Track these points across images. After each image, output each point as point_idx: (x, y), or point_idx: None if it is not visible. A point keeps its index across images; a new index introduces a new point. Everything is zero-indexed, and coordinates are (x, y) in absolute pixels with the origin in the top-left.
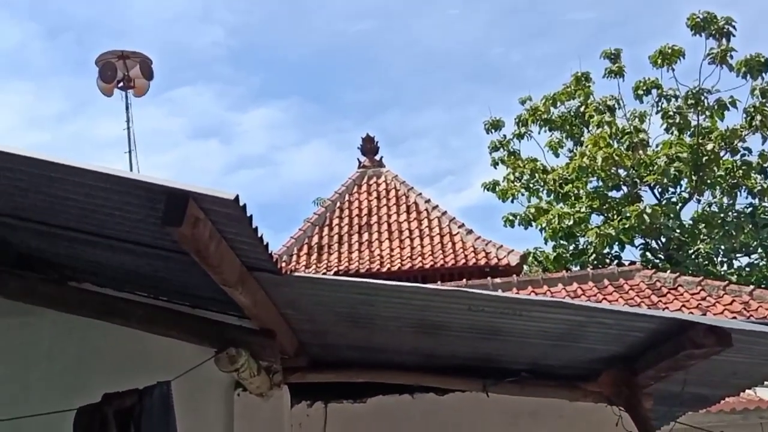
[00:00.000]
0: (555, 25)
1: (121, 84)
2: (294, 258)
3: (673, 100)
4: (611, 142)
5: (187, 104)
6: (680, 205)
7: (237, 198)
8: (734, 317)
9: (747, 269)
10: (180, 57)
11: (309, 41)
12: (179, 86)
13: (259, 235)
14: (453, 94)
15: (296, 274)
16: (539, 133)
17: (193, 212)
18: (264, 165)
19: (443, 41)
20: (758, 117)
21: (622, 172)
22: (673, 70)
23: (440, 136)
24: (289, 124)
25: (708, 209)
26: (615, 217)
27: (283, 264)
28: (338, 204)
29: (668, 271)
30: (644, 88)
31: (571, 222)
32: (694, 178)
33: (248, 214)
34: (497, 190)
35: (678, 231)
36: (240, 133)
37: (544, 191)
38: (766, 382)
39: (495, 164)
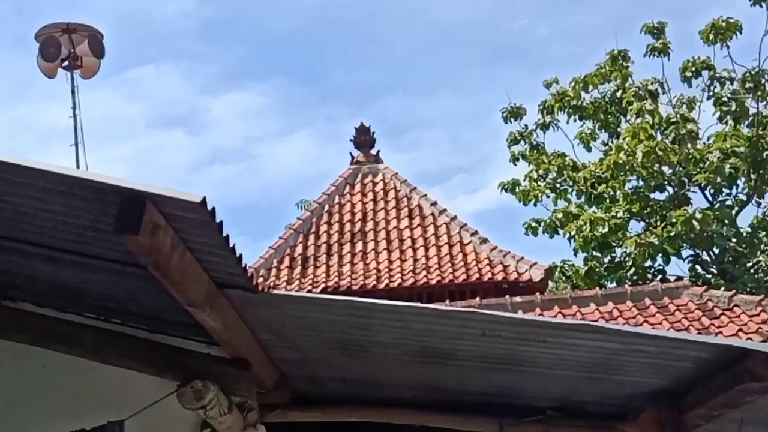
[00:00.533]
0: None
1: (66, 63)
2: (273, 272)
3: (728, 83)
4: (654, 133)
5: (147, 87)
6: (736, 209)
7: (204, 201)
8: None
9: None
10: (139, 31)
11: (295, 12)
12: (137, 66)
13: (231, 244)
14: (466, 76)
15: (276, 291)
16: (568, 122)
17: (152, 218)
18: (239, 160)
19: (455, 12)
20: None
21: (666, 170)
22: (728, 47)
23: (450, 126)
24: (270, 110)
25: None
26: (658, 223)
27: (260, 279)
28: (326, 207)
29: (722, 289)
30: (693, 69)
31: (606, 229)
32: (753, 176)
33: (218, 220)
34: (517, 191)
35: (734, 240)
36: (211, 122)
37: (574, 192)
38: None
39: (515, 160)
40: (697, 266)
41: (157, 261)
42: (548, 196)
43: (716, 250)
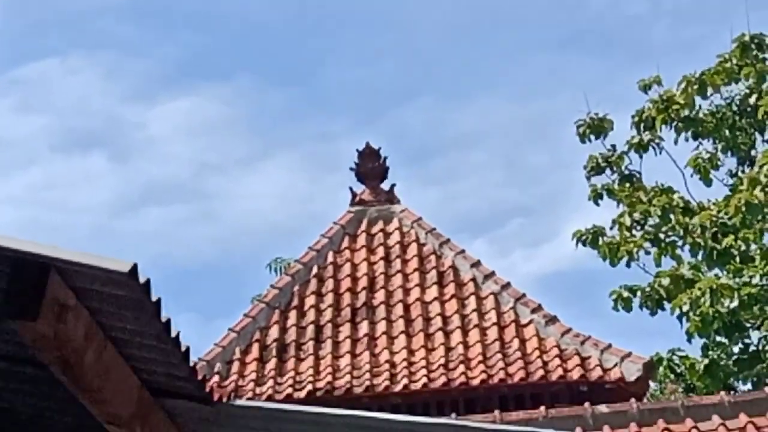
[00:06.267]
0: None
1: None
2: (236, 367)
3: None
4: None
5: (49, 92)
6: None
7: (134, 270)
8: None
9: None
10: (37, 9)
11: None
12: (35, 59)
13: (175, 333)
14: (525, 72)
15: (240, 402)
16: (676, 142)
17: (58, 295)
18: (186, 199)
19: None
20: None
21: None
22: None
23: (502, 145)
24: (233, 125)
25: None
26: None
27: (216, 380)
28: (315, 270)
29: None
30: None
31: (736, 303)
32: None
33: (154, 298)
34: (601, 243)
35: None
36: (145, 143)
37: (687, 247)
38: None
39: (597, 197)
40: None
41: (64, 358)
42: (648, 253)
43: None
